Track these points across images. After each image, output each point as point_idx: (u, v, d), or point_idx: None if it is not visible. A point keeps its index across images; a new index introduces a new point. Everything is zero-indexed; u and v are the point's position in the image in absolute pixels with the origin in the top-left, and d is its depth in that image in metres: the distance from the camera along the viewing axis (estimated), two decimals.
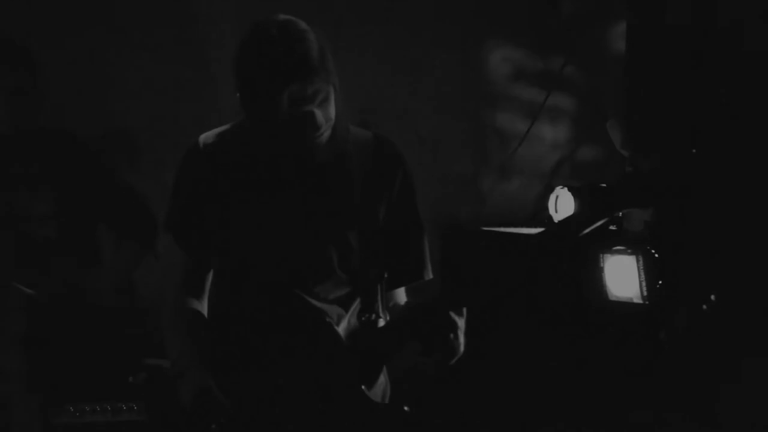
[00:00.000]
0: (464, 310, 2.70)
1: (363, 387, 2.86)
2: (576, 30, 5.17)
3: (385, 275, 2.90)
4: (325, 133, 2.71)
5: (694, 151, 4.57)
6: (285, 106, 2.60)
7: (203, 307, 2.94)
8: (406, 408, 2.87)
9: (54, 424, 3.66)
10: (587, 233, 3.17)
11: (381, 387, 2.98)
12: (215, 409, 2.80)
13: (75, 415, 3.59)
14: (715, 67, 4.69)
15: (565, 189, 4.38)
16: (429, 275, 2.91)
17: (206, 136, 2.95)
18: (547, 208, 4.46)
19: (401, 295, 2.95)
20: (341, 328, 2.83)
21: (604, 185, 4.54)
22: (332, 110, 2.70)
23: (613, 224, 4.50)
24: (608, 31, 5.21)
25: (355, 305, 2.90)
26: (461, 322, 2.62)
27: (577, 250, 3.76)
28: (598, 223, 3.26)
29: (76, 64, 4.37)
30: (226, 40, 3.77)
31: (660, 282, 4.02)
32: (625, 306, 4.09)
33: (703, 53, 4.78)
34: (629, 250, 4.09)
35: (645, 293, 4.01)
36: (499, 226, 4.72)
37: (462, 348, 2.65)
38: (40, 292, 3.92)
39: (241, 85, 2.70)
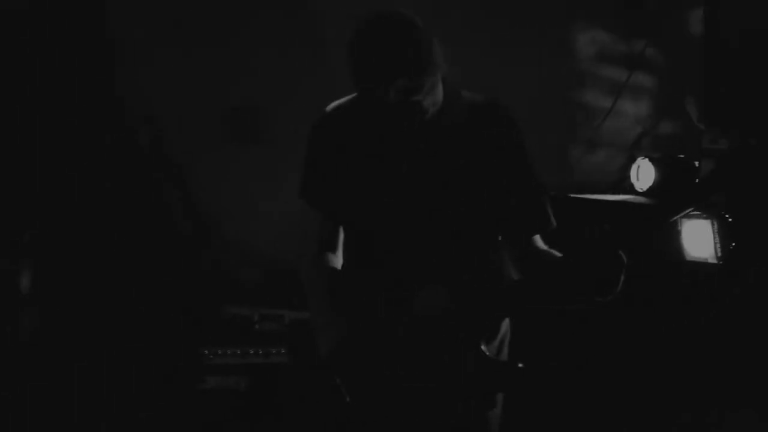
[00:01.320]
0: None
1: (481, 344, 2.89)
2: (657, 15, 5.17)
3: (510, 231, 3.01)
4: (433, 109, 2.80)
5: None
6: (392, 97, 2.69)
7: (338, 262, 3.07)
8: (521, 365, 2.93)
9: (220, 364, 4.12)
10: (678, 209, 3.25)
11: (497, 343, 3.07)
12: (344, 363, 2.92)
13: (238, 355, 4.11)
14: None
15: (646, 159, 4.48)
16: (554, 223, 2.97)
17: (332, 108, 3.07)
18: (629, 177, 4.56)
19: (539, 242, 3.01)
20: (458, 286, 2.86)
21: (682, 156, 4.59)
22: (439, 94, 2.77)
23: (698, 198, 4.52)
24: (688, 15, 5.21)
25: (472, 262, 2.96)
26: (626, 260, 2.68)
27: (662, 216, 4.15)
28: (689, 210, 3.30)
29: (217, 48, 4.56)
30: (341, 22, 3.28)
31: (733, 244, 4.04)
32: (700, 265, 4.14)
33: None
34: (705, 215, 4.14)
35: (719, 254, 4.05)
36: (586, 193, 4.73)
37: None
38: None
39: (353, 73, 2.77)
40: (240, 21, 4.59)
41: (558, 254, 2.90)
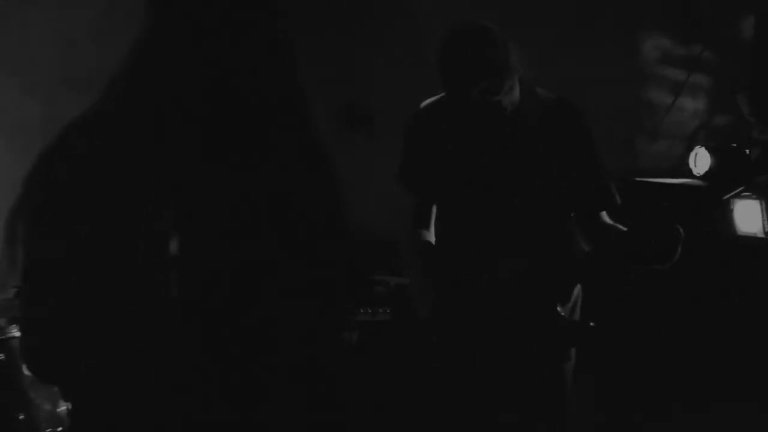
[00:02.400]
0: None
1: (557, 306, 3.05)
2: (714, 22, 5.19)
3: (580, 208, 3.13)
4: (511, 107, 2.90)
5: None
6: (475, 97, 2.84)
7: (431, 237, 3.22)
8: (591, 324, 3.15)
9: None
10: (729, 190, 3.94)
11: (570, 306, 3.18)
12: (438, 323, 3.13)
13: (350, 313, 3.94)
14: None
15: (703, 148, 4.58)
16: (618, 201, 3.11)
17: (425, 105, 3.20)
18: (687, 164, 4.65)
19: (606, 218, 3.12)
20: (536, 256, 3.04)
21: (735, 145, 4.68)
22: (516, 94, 2.88)
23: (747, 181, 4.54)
24: (740, 21, 5.24)
25: (547, 236, 3.08)
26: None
27: (714, 196, 4.48)
28: (740, 190, 4.01)
29: (333, 48, 4.63)
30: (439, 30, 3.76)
31: None
32: (750, 239, 4.34)
33: None
34: (755, 196, 4.31)
35: (766, 229, 4.26)
36: (650, 177, 4.82)
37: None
38: None
39: (442, 76, 2.92)
40: (358, 29, 4.72)
41: (623, 228, 3.03)
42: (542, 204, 3.09)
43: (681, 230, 2.81)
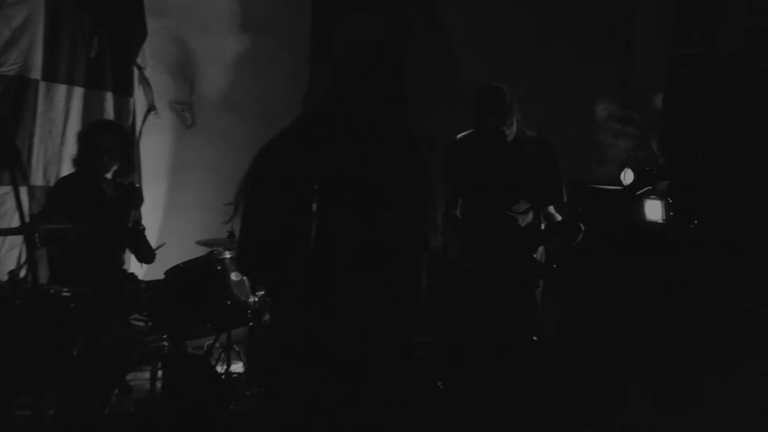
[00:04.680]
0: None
1: (533, 254, 3.57)
2: (641, 97, 5.62)
3: (539, 203, 3.69)
4: (510, 137, 3.53)
5: (698, 153, 5.10)
6: (491, 127, 3.47)
7: (458, 214, 3.78)
8: (554, 266, 3.63)
9: None
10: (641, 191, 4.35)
11: (538, 255, 3.66)
12: (462, 260, 3.57)
13: None
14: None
15: (629, 169, 5.05)
16: (565, 199, 3.70)
17: (460, 136, 3.79)
18: (620, 178, 5.06)
19: (552, 210, 3.71)
20: (522, 224, 3.71)
21: (647, 168, 5.11)
22: (514, 129, 3.55)
23: (652, 188, 4.94)
24: (656, 96, 5.58)
25: (529, 215, 3.73)
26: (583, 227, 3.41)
27: (634, 197, 4.83)
28: (646, 188, 4.38)
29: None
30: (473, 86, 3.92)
31: (671, 213, 4.80)
32: (654, 224, 4.86)
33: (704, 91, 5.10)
34: (657, 197, 4.86)
35: (664, 218, 4.83)
36: (599, 185, 5.20)
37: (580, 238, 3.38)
38: None
39: (473, 116, 3.55)
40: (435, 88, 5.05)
41: (559, 218, 3.71)
42: (523, 196, 3.72)
43: (582, 227, 3.43)
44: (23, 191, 3.35)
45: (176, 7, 5.41)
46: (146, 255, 4.28)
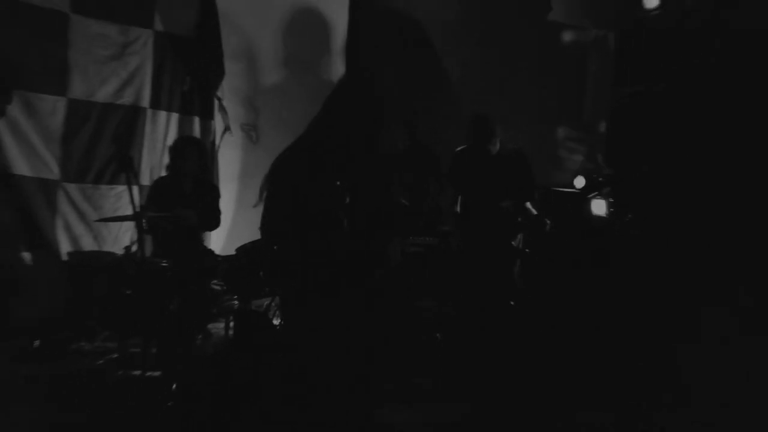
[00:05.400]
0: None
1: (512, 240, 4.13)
2: (591, 121, 5.80)
3: (517, 199, 4.17)
4: (494, 151, 4.02)
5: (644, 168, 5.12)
6: (481, 143, 3.96)
7: (458, 208, 4.21)
8: (527, 250, 4.02)
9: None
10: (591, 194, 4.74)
11: (516, 241, 4.15)
12: (463, 249, 4.00)
13: (417, 244, 4.11)
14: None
15: (581, 176, 5.32)
16: (536, 197, 4.21)
17: (459, 149, 4.19)
18: (574, 183, 5.29)
19: (528, 205, 4.17)
20: (506, 215, 4.17)
21: (595, 175, 5.34)
22: (498, 145, 4.10)
23: (599, 191, 5.19)
24: (601, 120, 5.76)
25: (510, 205, 4.19)
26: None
27: (585, 197, 5.18)
28: (595, 193, 4.68)
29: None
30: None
31: (612, 209, 4.96)
32: (599, 219, 5.04)
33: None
34: (602, 197, 5.06)
35: (606, 213, 5.00)
36: (559, 188, 5.36)
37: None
38: None
39: (471, 134, 3.90)
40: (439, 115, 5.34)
41: (534, 212, 4.21)
42: (504, 195, 4.14)
43: (548, 221, 3.94)
44: (135, 189, 3.27)
45: (246, 53, 5.62)
46: (209, 224, 4.34)
